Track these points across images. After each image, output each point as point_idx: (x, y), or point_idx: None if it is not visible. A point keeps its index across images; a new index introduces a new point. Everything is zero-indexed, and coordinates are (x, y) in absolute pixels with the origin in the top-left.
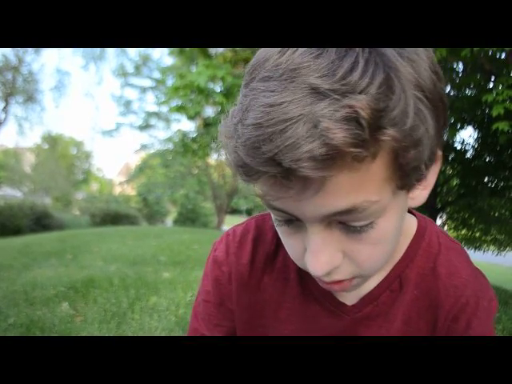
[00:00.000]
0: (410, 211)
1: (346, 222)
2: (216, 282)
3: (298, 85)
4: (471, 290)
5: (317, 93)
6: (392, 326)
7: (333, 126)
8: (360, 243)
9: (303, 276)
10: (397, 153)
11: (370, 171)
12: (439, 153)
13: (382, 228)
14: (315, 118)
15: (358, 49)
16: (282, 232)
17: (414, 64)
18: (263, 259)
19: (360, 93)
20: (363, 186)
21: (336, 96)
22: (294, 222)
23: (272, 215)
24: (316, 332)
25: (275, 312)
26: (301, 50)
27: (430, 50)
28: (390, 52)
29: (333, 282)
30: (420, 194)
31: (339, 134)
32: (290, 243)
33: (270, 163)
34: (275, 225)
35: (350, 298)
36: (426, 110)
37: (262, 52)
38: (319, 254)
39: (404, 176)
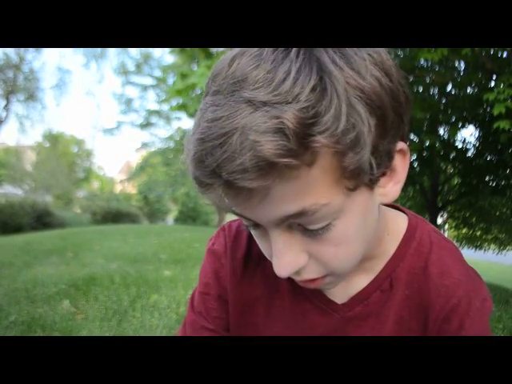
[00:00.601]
0: (401, 209)
1: (303, 225)
2: (216, 275)
3: (236, 98)
4: (463, 290)
5: (251, 105)
6: (384, 326)
7: (260, 138)
8: (322, 244)
9: None
10: (336, 157)
11: (311, 177)
12: (403, 146)
13: (341, 229)
14: (246, 131)
15: (293, 55)
16: (254, 235)
17: (354, 64)
18: (256, 256)
19: (291, 102)
20: (309, 190)
21: (267, 108)
22: (258, 225)
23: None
24: (306, 330)
25: (266, 309)
26: (244, 60)
27: (385, 62)
28: (325, 55)
29: (306, 281)
30: (391, 190)
31: (265, 146)
32: (262, 245)
33: (212, 175)
34: (247, 228)
35: (340, 297)
36: (366, 110)
37: (218, 64)
38: (281, 256)
39: (351, 177)
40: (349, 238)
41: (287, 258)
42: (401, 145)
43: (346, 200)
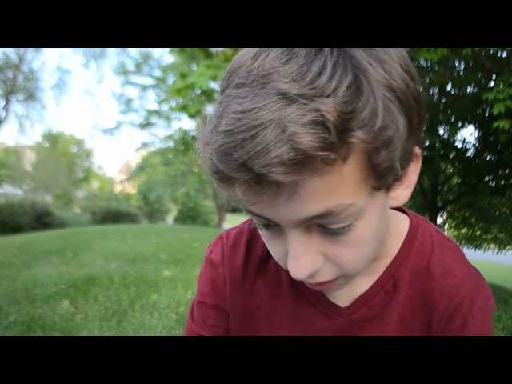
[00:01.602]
0: (401, 210)
1: (324, 225)
2: (212, 284)
3: (267, 91)
4: (466, 289)
5: (285, 98)
6: (388, 327)
7: (300, 130)
8: (340, 245)
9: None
10: (368, 154)
11: (342, 174)
12: (418, 151)
13: (361, 230)
14: (283, 123)
15: (327, 52)
16: (264, 236)
17: (385, 65)
18: (256, 263)
19: (328, 96)
20: (337, 189)
21: (304, 101)
22: (273, 226)
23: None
24: (310, 335)
25: (269, 316)
26: (272, 54)
27: (403, 50)
28: (359, 53)
29: (318, 283)
30: (402, 194)
31: (306, 138)
32: (273, 247)
33: (241, 169)
34: (258, 228)
35: (343, 300)
36: (397, 110)
37: (237, 58)
38: (299, 259)
39: (379, 177)
40: (366, 239)
41: (304, 260)
42: (416, 149)
43: (369, 200)
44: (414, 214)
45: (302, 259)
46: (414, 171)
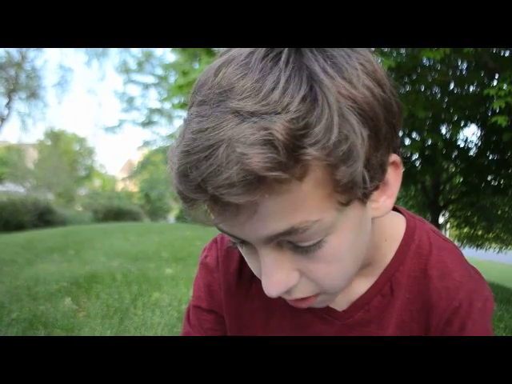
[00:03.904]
0: (398, 210)
1: (293, 242)
2: (208, 288)
3: (222, 109)
4: (464, 291)
5: (238, 116)
6: (386, 331)
7: (247, 150)
8: (313, 262)
9: None
10: (327, 170)
11: (302, 191)
12: (396, 159)
13: (333, 245)
14: (233, 143)
15: (282, 65)
16: (242, 252)
17: (345, 73)
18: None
19: (279, 113)
20: (299, 206)
21: (254, 119)
22: (246, 243)
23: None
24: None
25: (265, 321)
26: (230, 70)
27: (369, 55)
28: (317, 64)
29: (297, 300)
30: (384, 204)
31: (254, 159)
32: (251, 262)
33: (198, 190)
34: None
35: (340, 304)
36: (358, 121)
37: (204, 74)
38: (271, 275)
39: (344, 192)
40: (341, 254)
41: (277, 277)
42: (393, 157)
43: (339, 215)
44: (410, 215)
45: (274, 276)
46: (395, 180)
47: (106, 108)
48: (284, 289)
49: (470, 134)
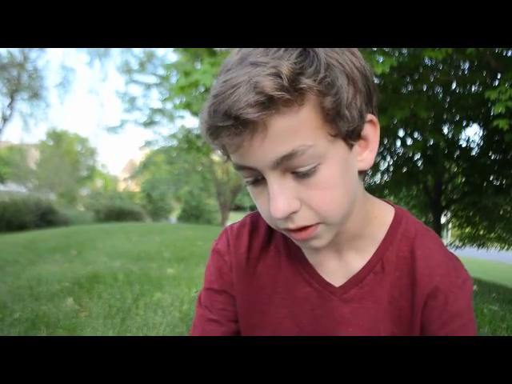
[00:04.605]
0: (389, 203)
1: (294, 170)
2: (219, 271)
3: (243, 65)
4: (444, 269)
5: (254, 65)
6: (380, 306)
7: (261, 79)
8: (310, 189)
9: (293, 260)
10: (319, 100)
11: (300, 117)
12: (373, 118)
13: (325, 173)
14: (250, 79)
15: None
16: (253, 194)
17: (333, 50)
18: (258, 249)
19: (284, 60)
20: (298, 131)
21: (267, 64)
22: (258, 181)
23: (244, 180)
24: (307, 314)
25: (270, 297)
26: (247, 49)
27: (357, 53)
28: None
29: (299, 229)
30: (367, 157)
31: (265, 83)
32: (260, 203)
33: (225, 118)
34: (248, 188)
35: (337, 279)
36: (339, 71)
37: (225, 60)
38: (277, 199)
39: (331, 122)
40: (332, 182)
41: (282, 200)
42: (370, 116)
43: (329, 147)
44: (398, 207)
45: (280, 199)
46: (374, 136)
47: (108, 108)
48: (287, 211)
49: (472, 133)
